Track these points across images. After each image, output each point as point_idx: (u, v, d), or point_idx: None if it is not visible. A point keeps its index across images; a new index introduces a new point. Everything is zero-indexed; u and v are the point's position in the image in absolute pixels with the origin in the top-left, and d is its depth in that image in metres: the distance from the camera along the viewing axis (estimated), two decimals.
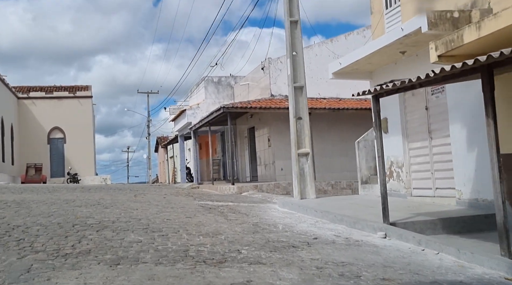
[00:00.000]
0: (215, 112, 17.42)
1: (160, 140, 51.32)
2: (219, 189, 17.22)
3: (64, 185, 18.77)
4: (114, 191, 15.46)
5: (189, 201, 11.80)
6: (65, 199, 11.25)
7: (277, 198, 12.94)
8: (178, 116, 25.09)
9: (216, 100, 23.26)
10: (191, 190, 18.42)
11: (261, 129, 19.70)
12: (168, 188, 22.48)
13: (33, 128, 37.46)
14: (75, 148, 38.12)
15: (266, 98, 18.14)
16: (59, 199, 11.41)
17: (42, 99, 38.08)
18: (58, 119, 38.08)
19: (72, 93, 38.93)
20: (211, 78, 23.34)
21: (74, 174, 35.97)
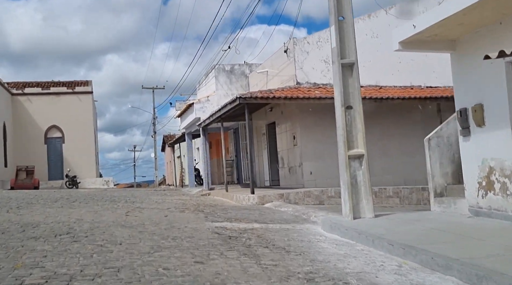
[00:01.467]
0: (229, 104, 14.25)
1: (167, 139, 48.28)
2: (235, 197, 14.06)
3: (47, 193, 15.74)
4: (104, 203, 12.35)
5: (199, 223, 8.62)
6: (26, 222, 8.12)
7: (315, 214, 9.72)
8: (184, 111, 21.97)
9: (228, 92, 20.09)
10: (201, 199, 15.28)
11: (283, 125, 16.49)
12: (174, 193, 19.37)
13: (28, 127, 34.55)
14: (74, 148, 35.17)
15: (291, 86, 14.93)
16: (20, 221, 8.28)
17: (38, 96, 35.16)
18: (55, 117, 35.15)
19: (70, 89, 35.95)
20: (222, 66, 20.17)
21: (73, 176, 33.01)
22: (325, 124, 15.16)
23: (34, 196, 14.89)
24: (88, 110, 36.07)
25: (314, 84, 15.17)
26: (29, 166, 25.90)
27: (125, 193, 19.75)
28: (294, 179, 15.59)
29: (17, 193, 17.61)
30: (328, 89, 14.84)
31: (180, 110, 23.11)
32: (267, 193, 13.88)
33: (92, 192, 20.18)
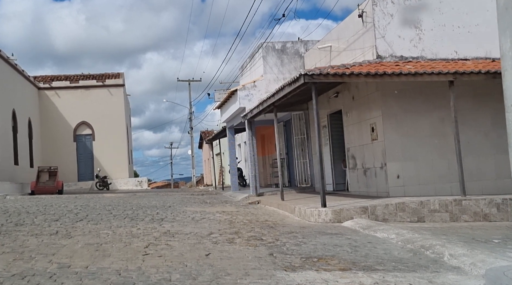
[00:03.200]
0: (289, 85, 10.57)
1: (204, 135, 45.12)
2: (298, 211, 10.40)
3: (60, 203, 12.40)
4: (122, 222, 8.97)
5: (265, 271, 5.03)
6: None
7: (450, 250, 5.92)
8: (226, 101, 18.46)
9: (279, 76, 16.43)
10: (251, 211, 11.69)
11: (355, 113, 12.71)
12: (215, 200, 15.93)
13: (56, 123, 31.98)
14: (105, 146, 32.41)
15: (370, 61, 11.09)
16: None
17: (66, 90, 32.55)
18: (85, 113, 32.47)
19: (101, 81, 33.18)
20: (272, 44, 16.49)
21: (103, 177, 30.18)
22: (420, 111, 11.29)
23: (37, 209, 11.67)
24: (120, 104, 33.21)
25: (401, 58, 11.29)
26: (52, 167, 23.08)
27: (156, 199, 16.44)
28: (373, 184, 11.79)
29: (25, 201, 14.54)
30: (422, 63, 10.93)
31: (220, 101, 19.63)
32: (342, 204, 10.17)
33: (117, 198, 16.98)
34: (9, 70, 25.87)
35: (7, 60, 25.33)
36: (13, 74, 26.52)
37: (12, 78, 26.35)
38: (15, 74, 27.09)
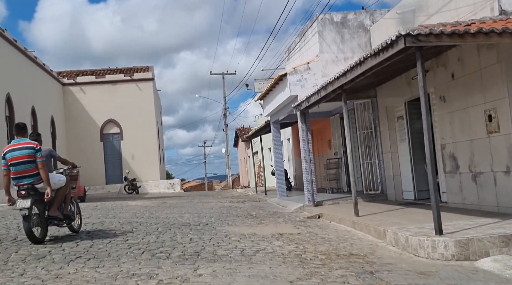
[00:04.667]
0: (374, 56, 7.29)
1: (240, 132, 42.22)
2: (393, 238, 7.11)
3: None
4: (138, 258, 5.95)
5: None
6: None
7: None
8: (271, 89, 15.28)
9: (339, 55, 13.12)
10: (319, 236, 8.46)
11: (456, 96, 9.31)
12: (261, 211, 12.89)
13: (82, 122, 29.61)
14: (134, 146, 29.87)
15: (491, 17, 7.71)
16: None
17: (92, 85, 30.12)
18: (112, 110, 30.00)
19: (128, 76, 30.61)
20: (330, 16, 13.20)
21: (132, 179, 27.62)
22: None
23: None
24: (149, 100, 30.56)
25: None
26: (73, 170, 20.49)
27: (189, 209, 13.47)
28: (490, 195, 8.39)
29: None
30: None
31: (264, 90, 16.48)
32: (461, 228, 6.86)
33: (143, 208, 14.08)
34: (27, 63, 23.49)
35: (25, 52, 22.93)
36: (32, 68, 24.14)
37: (31, 73, 23.97)
38: (35, 68, 24.71)
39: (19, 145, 7.13)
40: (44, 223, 7.23)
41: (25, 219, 6.87)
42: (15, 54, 21.76)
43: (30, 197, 6.95)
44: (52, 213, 7.33)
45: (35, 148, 7.12)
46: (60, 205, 7.59)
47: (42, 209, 7.20)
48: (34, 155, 7.06)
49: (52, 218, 7.37)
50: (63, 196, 7.64)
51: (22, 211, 6.84)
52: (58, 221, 7.51)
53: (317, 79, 13.03)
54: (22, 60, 22.64)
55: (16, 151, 7.05)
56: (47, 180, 7.10)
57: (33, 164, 7.04)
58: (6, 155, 7.08)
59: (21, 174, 7.02)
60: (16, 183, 7.06)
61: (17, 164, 7.00)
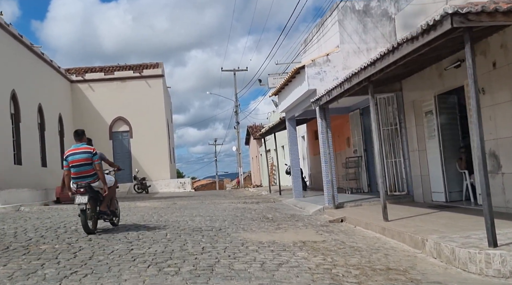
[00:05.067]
0: (411, 40, 6.36)
1: (252, 130, 41.38)
2: (435, 249, 6.19)
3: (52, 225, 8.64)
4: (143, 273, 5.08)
5: None
6: None
7: None
8: (287, 83, 14.37)
9: (361, 46, 12.18)
10: (347, 244, 7.55)
11: (500, 88, 8.33)
12: (279, 215, 12.08)
13: (91, 119, 28.95)
14: (144, 144, 29.15)
15: None
16: None
17: (100, 82, 29.43)
18: (121, 107, 29.30)
19: (138, 72, 29.88)
20: (351, 4, 12.26)
21: (142, 178, 26.89)
22: None
23: (31, 235, 7.99)
24: (159, 97, 29.82)
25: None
26: None
27: (201, 212, 12.66)
28: None
29: (34, 216, 10.96)
30: None
31: (279, 85, 15.58)
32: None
33: (152, 210, 13.29)
34: (34, 59, 22.83)
35: (31, 47, 22.27)
36: (38, 65, 23.48)
37: (38, 69, 23.31)
38: (42, 65, 24.06)
39: (79, 149, 8.28)
40: (95, 217, 8.39)
41: (82, 213, 8.09)
42: (20, 50, 21.10)
43: (87, 194, 8.11)
44: (102, 209, 8.55)
45: (92, 152, 8.28)
46: (108, 202, 8.76)
47: (95, 205, 8.35)
48: (91, 158, 8.21)
49: (102, 213, 8.58)
50: (112, 195, 8.90)
51: (80, 205, 8.05)
52: (106, 215, 8.73)
53: (338, 72, 12.11)
54: (28, 56, 21.99)
55: (77, 155, 8.21)
56: (104, 179, 8.37)
57: (90, 166, 8.22)
58: (68, 157, 8.25)
59: (80, 174, 8.19)
60: (75, 182, 8.20)
61: (77, 165, 8.17)
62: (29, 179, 20.13)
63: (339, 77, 12.00)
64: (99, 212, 8.50)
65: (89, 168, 8.22)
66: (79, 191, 8.14)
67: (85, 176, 8.20)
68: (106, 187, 8.40)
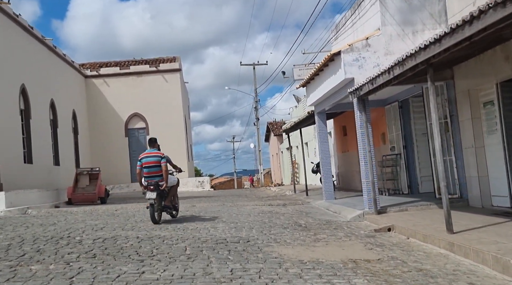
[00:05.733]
0: None
1: (272, 126, 39.94)
2: None
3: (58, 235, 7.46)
4: None
5: None
6: None
7: None
8: (317, 73, 12.89)
9: (406, 29, 10.64)
10: (412, 265, 6.11)
11: None
12: (312, 222, 10.75)
13: (106, 116, 27.87)
14: (161, 141, 27.71)
15: None
16: None
17: (116, 77, 28.31)
18: (137, 103, 28.15)
19: (154, 66, 28.67)
20: None
21: None
22: None
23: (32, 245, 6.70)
24: (177, 92, 28.57)
25: None
26: (93, 168, 18.59)
27: (223, 216, 11.31)
28: None
29: (39, 221, 9.70)
30: None
31: (307, 76, 14.10)
32: None
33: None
34: (45, 53, 21.74)
35: (42, 40, 21.17)
36: (50, 58, 22.40)
37: (50, 63, 22.23)
38: (54, 59, 22.98)
39: (151, 153, 10.05)
40: (160, 210, 9.92)
41: (152, 206, 9.61)
42: (31, 43, 20.00)
43: (156, 190, 9.68)
44: (166, 203, 10.15)
45: (161, 156, 10.01)
46: (171, 198, 10.32)
47: (160, 200, 9.93)
48: (160, 161, 9.92)
49: (166, 207, 10.18)
50: (174, 192, 10.45)
51: (150, 200, 9.60)
52: (169, 209, 10.32)
53: (379, 58, 10.61)
54: (39, 49, 20.90)
55: (150, 158, 9.97)
56: (167, 178, 9.93)
57: (159, 167, 9.88)
58: (142, 159, 10.02)
59: (151, 174, 9.87)
60: (147, 180, 9.85)
61: (149, 166, 9.90)
62: (40, 179, 19.05)
63: (380, 64, 10.51)
64: (163, 206, 10.10)
65: (158, 169, 9.88)
66: (150, 188, 9.72)
67: (155, 175, 9.87)
68: (165, 184, 9.91)
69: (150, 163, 9.91)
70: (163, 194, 10.05)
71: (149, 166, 9.90)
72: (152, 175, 9.87)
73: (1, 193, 13.75)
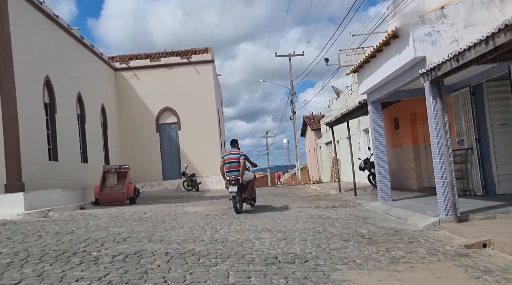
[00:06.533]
0: None
1: (309, 120, 38.06)
2: None
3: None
4: None
5: None
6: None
7: None
8: (374, 55, 11.01)
9: None
10: None
11: None
12: (374, 231, 9.08)
13: (136, 110, 26.69)
14: (193, 137, 26.55)
15: None
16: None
17: (146, 70, 27.04)
18: (168, 97, 26.84)
19: (185, 58, 27.25)
20: None
21: (191, 174, 24.30)
22: None
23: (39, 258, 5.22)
24: (209, 84, 27.08)
25: None
26: (122, 166, 17.24)
27: (267, 225, 9.70)
28: None
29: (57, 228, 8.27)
30: None
31: (362, 59, 12.22)
32: None
33: (204, 220, 10.36)
34: (72, 44, 20.56)
35: (69, 30, 19.98)
36: (77, 49, 21.22)
37: (77, 54, 21.05)
38: (81, 50, 21.80)
39: (232, 152, 11.85)
40: (241, 201, 11.55)
41: (234, 198, 11.25)
42: (56, 32, 18.82)
43: (236, 184, 11.25)
44: (246, 195, 11.85)
45: (240, 154, 11.75)
46: (249, 191, 12.02)
47: (241, 193, 11.50)
48: (239, 158, 11.63)
49: (246, 198, 11.87)
50: (252, 185, 12.15)
51: (232, 193, 11.21)
52: (248, 200, 12.02)
53: (457, 31, 8.70)
54: (65, 40, 19.71)
55: (231, 155, 11.75)
56: (243, 173, 11.55)
57: (238, 163, 11.56)
58: (225, 156, 11.83)
59: (232, 169, 11.55)
60: (228, 175, 11.49)
61: (230, 162, 11.62)
62: (66, 178, 17.86)
63: (459, 39, 8.60)
64: (244, 198, 11.74)
65: (237, 165, 11.54)
66: (231, 183, 11.20)
67: (235, 170, 11.51)
68: (241, 179, 11.43)
69: (230, 160, 11.67)
70: (243, 188, 11.63)
71: (229, 162, 11.65)
72: (231, 170, 11.58)
73: (19, 194, 12.49)
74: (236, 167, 11.53)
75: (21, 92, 15.02)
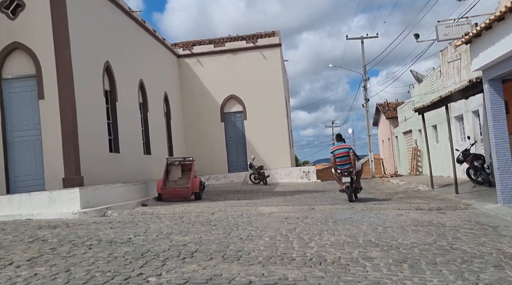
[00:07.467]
0: None
1: (382, 108, 35.24)
2: None
3: None
4: None
5: None
6: None
7: None
8: (498, 19, 8.56)
9: None
10: None
11: None
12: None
13: (200, 99, 25.29)
14: (260, 126, 24.78)
15: None
16: None
17: (210, 56, 25.51)
18: (233, 84, 25.19)
19: (251, 42, 25.43)
20: None
21: (259, 167, 22.59)
22: None
23: None
24: (277, 70, 25.13)
25: None
26: (186, 158, 15.72)
27: (368, 235, 7.69)
28: None
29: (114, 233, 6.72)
30: None
31: (480, 26, 9.76)
32: None
33: (283, 220, 8.44)
34: (133, 27, 19.29)
35: (129, 13, 18.70)
36: (139, 34, 19.95)
37: (138, 40, 19.78)
38: (143, 35, 20.53)
39: (341, 146, 12.65)
40: (352, 191, 12.31)
41: (347, 188, 12.18)
42: (117, 15, 17.56)
43: (349, 175, 12.23)
44: (356, 185, 12.61)
45: (349, 148, 12.63)
46: (359, 181, 12.98)
47: (352, 183, 12.31)
48: (348, 152, 12.50)
49: (356, 188, 12.65)
50: (359, 176, 12.91)
51: (345, 183, 12.16)
52: (358, 190, 12.89)
53: None
54: (126, 24, 18.44)
55: (340, 149, 12.56)
56: (354, 164, 12.41)
57: (348, 157, 12.42)
58: (335, 151, 12.63)
59: (343, 162, 12.44)
60: (340, 168, 12.41)
61: (341, 156, 12.50)
62: (127, 170, 16.62)
63: None
64: (354, 188, 12.41)
65: (347, 158, 12.38)
66: (344, 174, 12.17)
67: (345, 163, 12.36)
68: (354, 170, 12.35)
69: (341, 154, 12.43)
70: (352, 179, 12.28)
71: (340, 156, 12.43)
72: (343, 163, 12.37)
73: (74, 189, 11.17)
74: (346, 160, 12.33)
75: (79, 78, 13.79)
